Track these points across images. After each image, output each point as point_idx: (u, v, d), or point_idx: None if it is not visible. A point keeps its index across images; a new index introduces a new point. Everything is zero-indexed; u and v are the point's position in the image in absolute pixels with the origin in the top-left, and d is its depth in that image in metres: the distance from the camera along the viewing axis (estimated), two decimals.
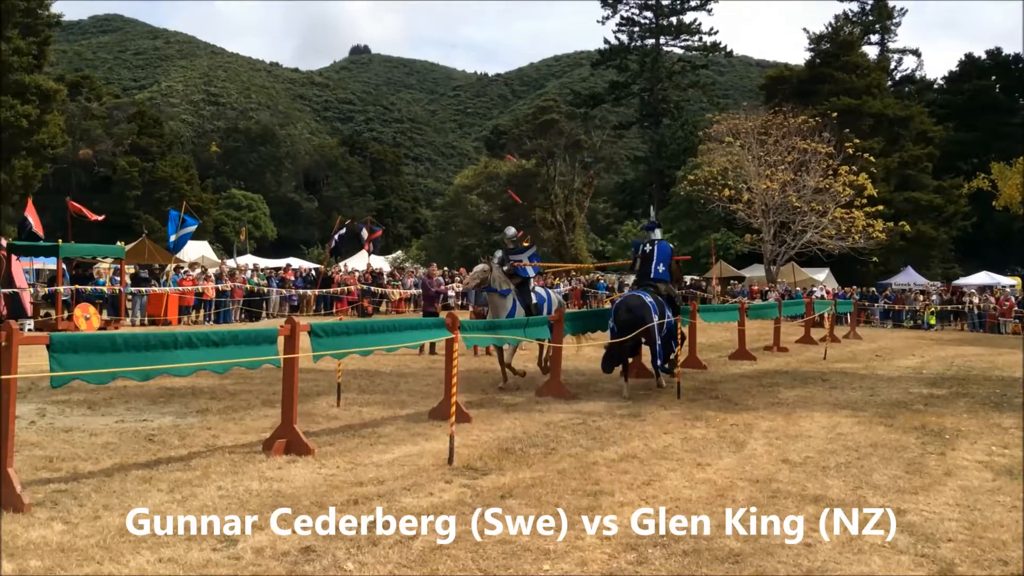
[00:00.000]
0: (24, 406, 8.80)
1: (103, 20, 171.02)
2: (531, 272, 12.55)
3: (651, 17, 79.69)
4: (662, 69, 78.93)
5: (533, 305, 12.23)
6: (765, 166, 36.91)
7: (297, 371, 7.49)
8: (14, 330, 5.57)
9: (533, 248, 13.08)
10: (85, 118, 52.96)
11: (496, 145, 70.33)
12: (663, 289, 12.07)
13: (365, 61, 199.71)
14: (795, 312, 23.66)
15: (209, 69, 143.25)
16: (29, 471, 6.35)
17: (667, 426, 8.94)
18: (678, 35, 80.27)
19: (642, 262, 12.26)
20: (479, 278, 11.98)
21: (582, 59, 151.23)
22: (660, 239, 12.51)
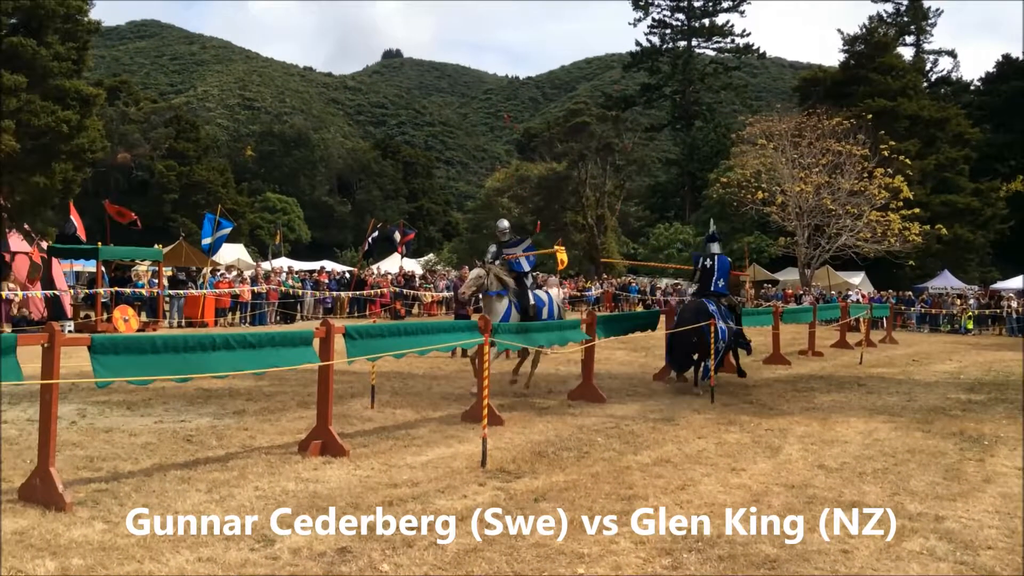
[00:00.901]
0: (65, 406, 8.97)
1: (140, 25, 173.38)
2: (526, 266, 11.74)
3: (683, 19, 79.47)
4: (694, 71, 78.65)
5: (531, 307, 11.44)
6: (799, 168, 36.62)
7: (332, 373, 7.55)
8: (56, 331, 5.68)
9: (528, 240, 12.27)
10: (123, 123, 53.76)
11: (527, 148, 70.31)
12: (724, 301, 12.59)
13: (397, 65, 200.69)
14: (830, 316, 23.43)
15: (244, 74, 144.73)
16: (71, 471, 6.46)
17: (701, 430, 8.90)
18: (710, 37, 79.96)
19: (703, 275, 12.65)
20: (475, 285, 11.11)
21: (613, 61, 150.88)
22: (719, 253, 12.87)
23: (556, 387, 12.14)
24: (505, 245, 12.01)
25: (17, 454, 7.07)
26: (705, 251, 13.09)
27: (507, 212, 61.33)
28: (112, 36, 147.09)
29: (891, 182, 35.91)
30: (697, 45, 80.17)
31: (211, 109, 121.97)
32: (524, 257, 11.80)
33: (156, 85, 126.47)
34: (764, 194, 37.50)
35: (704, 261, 12.75)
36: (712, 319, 11.56)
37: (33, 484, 5.67)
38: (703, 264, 12.73)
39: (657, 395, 11.68)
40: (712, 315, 11.70)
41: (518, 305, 11.19)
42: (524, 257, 11.80)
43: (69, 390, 9.97)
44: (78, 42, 20.28)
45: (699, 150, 70.35)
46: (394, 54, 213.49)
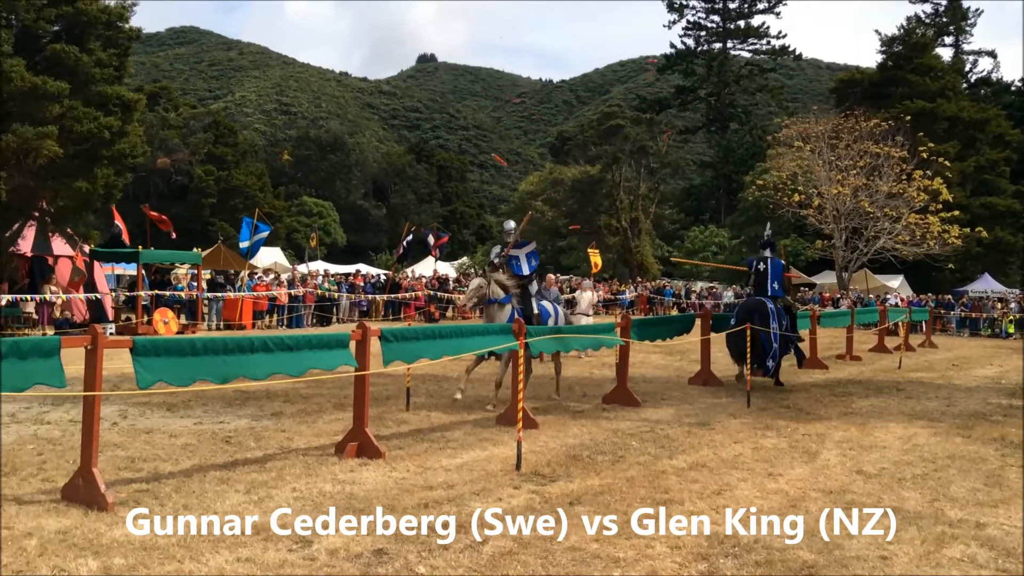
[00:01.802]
0: (107, 408, 9.12)
1: (180, 32, 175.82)
2: (526, 269, 11.27)
3: (718, 21, 79.01)
4: (729, 73, 78.17)
5: (535, 316, 10.96)
6: (836, 171, 36.26)
7: (368, 376, 7.61)
8: (99, 334, 5.79)
9: (532, 245, 11.76)
10: (163, 128, 54.52)
11: (561, 151, 70.28)
12: (780, 303, 13.00)
13: (431, 69, 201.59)
14: (868, 320, 23.16)
15: (281, 79, 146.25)
16: (112, 471, 6.57)
17: (737, 435, 8.84)
18: (745, 39, 79.41)
19: (757, 279, 12.99)
20: (476, 296, 10.72)
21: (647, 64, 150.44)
22: (772, 256, 13.13)
23: (590, 391, 12.12)
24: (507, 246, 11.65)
25: (60, 455, 7.21)
26: (760, 255, 13.37)
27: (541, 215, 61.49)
28: (152, 42, 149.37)
29: (930, 184, 35.43)
30: (732, 47, 79.61)
31: (249, 114, 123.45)
32: (525, 260, 11.37)
33: (195, 91, 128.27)
34: (801, 197, 37.17)
35: (758, 265, 13.07)
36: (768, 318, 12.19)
37: (76, 484, 5.77)
38: (757, 267, 13.06)
39: (692, 399, 11.62)
40: (769, 313, 12.27)
41: (521, 312, 10.71)
42: (525, 260, 11.37)
43: (110, 391, 10.13)
44: (119, 48, 20.55)
45: (734, 152, 69.87)
46: (428, 58, 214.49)
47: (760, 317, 12.45)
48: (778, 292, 13.03)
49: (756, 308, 12.58)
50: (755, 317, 12.41)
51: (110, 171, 20.39)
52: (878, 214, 35.51)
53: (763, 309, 12.53)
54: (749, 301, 13.04)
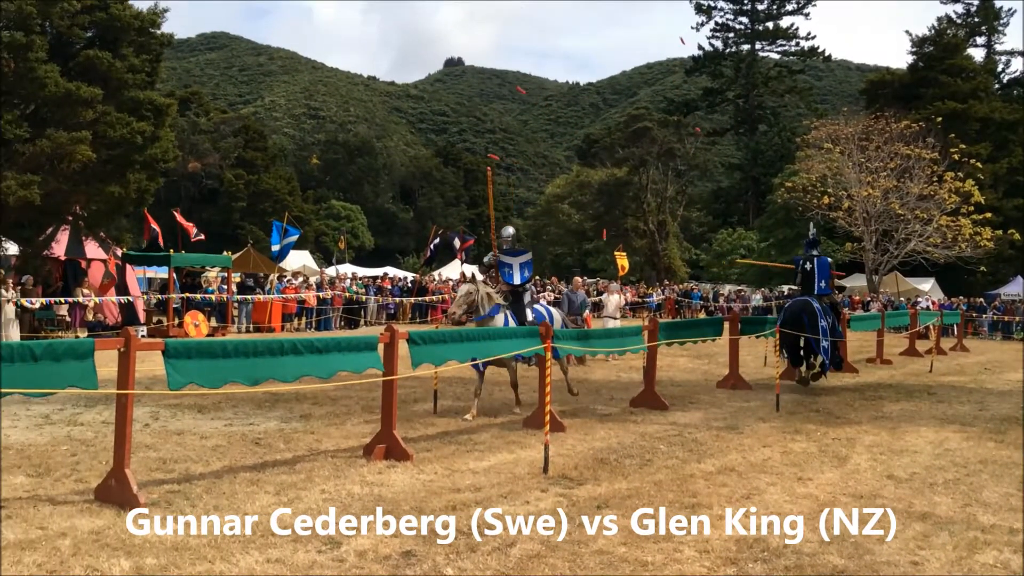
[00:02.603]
0: (138, 409, 9.22)
1: (210, 38, 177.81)
2: (517, 279, 10.86)
3: (746, 22, 78.60)
4: (758, 75, 77.72)
5: (529, 322, 10.46)
6: (866, 173, 35.94)
7: (396, 379, 7.65)
8: (132, 336, 5.87)
9: (528, 255, 11.30)
10: (194, 133, 55.19)
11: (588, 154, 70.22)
12: (827, 300, 13.31)
13: (459, 73, 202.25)
14: (899, 323, 22.92)
15: (310, 84, 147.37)
16: (144, 472, 6.65)
17: (766, 439, 8.78)
18: (774, 40, 78.93)
19: (804, 278, 13.30)
20: (465, 303, 10.11)
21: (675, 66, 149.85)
22: (819, 255, 13.44)
23: (618, 394, 12.09)
24: (504, 253, 11.24)
25: (93, 455, 7.31)
26: (806, 254, 13.67)
27: (568, 218, 61.48)
28: (183, 48, 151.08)
29: (962, 186, 35.01)
30: (761, 48, 79.14)
31: (278, 119, 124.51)
32: (518, 269, 10.97)
33: (225, 96, 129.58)
34: (830, 199, 36.87)
35: (804, 264, 13.37)
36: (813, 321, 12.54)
37: (109, 485, 5.85)
38: (803, 267, 13.37)
39: (720, 403, 11.56)
40: (816, 312, 12.61)
41: (515, 317, 10.41)
42: (518, 269, 10.97)
43: (142, 393, 10.26)
44: (151, 54, 20.82)
45: (763, 154, 69.45)
46: (456, 62, 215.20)
47: (808, 316, 12.78)
48: (825, 290, 13.35)
49: (803, 309, 12.87)
50: (804, 318, 12.77)
51: (142, 176, 20.65)
52: (909, 216, 35.14)
53: (810, 308, 12.82)
54: (796, 302, 13.27)
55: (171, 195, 45.71)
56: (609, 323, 18.46)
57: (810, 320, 12.74)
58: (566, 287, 24.62)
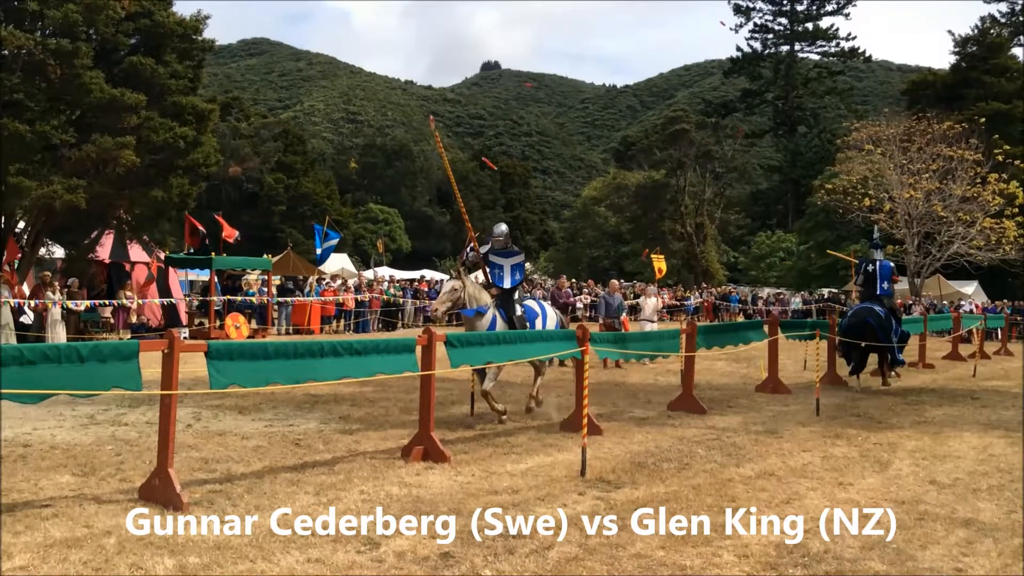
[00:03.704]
0: (181, 410, 9.36)
1: (251, 44, 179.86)
2: (507, 282, 10.16)
3: (786, 23, 77.97)
4: (797, 76, 77.05)
5: (518, 318, 9.97)
6: (908, 174, 35.41)
7: (434, 380, 7.69)
8: (176, 338, 5.95)
9: (520, 255, 10.52)
10: (235, 137, 55.92)
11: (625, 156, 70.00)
12: (887, 303, 13.75)
13: (495, 76, 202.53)
14: (941, 327, 22.58)
15: (348, 88, 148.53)
16: (187, 472, 6.74)
17: (806, 444, 8.69)
18: (814, 41, 78.23)
19: (866, 279, 13.83)
20: (450, 300, 9.57)
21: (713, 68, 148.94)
22: (882, 259, 13.90)
23: (655, 397, 12.03)
24: (495, 252, 10.46)
25: (137, 455, 7.43)
26: (869, 256, 14.20)
27: (604, 221, 61.33)
28: (224, 54, 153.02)
29: (1006, 188, 34.36)
30: (800, 49, 78.47)
31: (317, 123, 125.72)
32: (509, 272, 10.20)
33: (265, 101, 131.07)
34: (871, 201, 36.38)
35: (867, 266, 13.86)
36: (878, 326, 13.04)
37: (152, 484, 5.93)
38: (866, 269, 13.87)
39: (759, 407, 11.46)
40: (880, 314, 13.09)
41: (503, 315, 9.83)
42: (509, 272, 10.20)
43: (185, 394, 10.42)
44: (193, 60, 21.17)
45: (802, 156, 68.77)
46: (492, 66, 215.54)
47: (874, 319, 13.22)
48: (887, 292, 13.82)
49: (868, 315, 13.31)
50: (870, 321, 13.23)
51: (184, 180, 20.97)
52: (951, 218, 34.57)
53: (874, 314, 13.26)
54: (858, 310, 13.76)
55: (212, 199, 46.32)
56: (646, 326, 18.38)
57: (877, 323, 13.20)
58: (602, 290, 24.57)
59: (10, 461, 7.14)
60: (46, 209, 18.88)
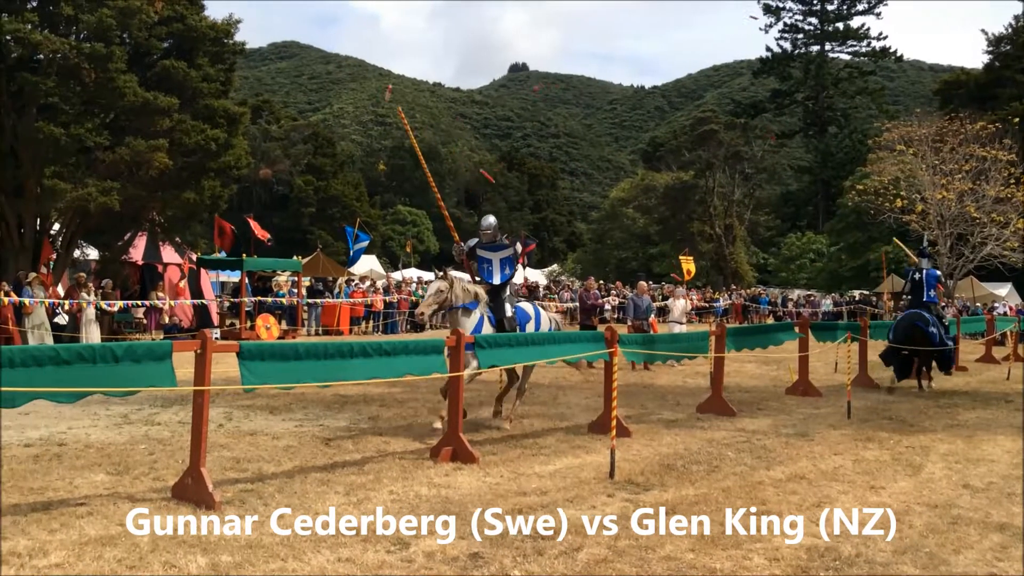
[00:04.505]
0: (212, 410, 9.43)
1: (281, 47, 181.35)
2: (497, 278, 9.59)
3: (816, 23, 77.35)
4: (827, 76, 76.40)
5: (508, 319, 9.40)
6: (940, 175, 34.97)
7: (462, 382, 7.71)
8: (209, 338, 6.02)
9: (510, 249, 9.83)
10: (265, 140, 56.46)
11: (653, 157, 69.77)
12: (934, 310, 13.95)
13: (523, 78, 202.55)
14: (975, 329, 22.28)
15: (377, 91, 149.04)
16: (219, 471, 6.80)
17: (837, 447, 8.61)
18: (844, 41, 77.56)
19: (913, 287, 14.04)
20: (436, 302, 8.99)
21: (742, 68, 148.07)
22: (928, 267, 14.10)
23: (684, 400, 11.98)
24: (484, 247, 9.83)
25: (170, 454, 7.51)
26: (918, 265, 14.32)
27: (632, 222, 61.13)
28: (255, 57, 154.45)
29: None
30: (831, 49, 77.79)
31: (346, 126, 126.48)
32: (498, 266, 9.64)
33: (295, 103, 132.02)
34: (903, 202, 35.98)
35: (914, 275, 14.04)
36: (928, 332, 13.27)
37: (185, 483, 5.99)
38: (913, 277, 14.08)
39: (790, 409, 11.37)
40: (929, 321, 13.35)
41: (492, 318, 9.27)
42: (498, 266, 9.64)
43: (216, 394, 10.51)
44: (225, 64, 21.45)
45: (833, 157, 68.14)
46: (520, 67, 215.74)
47: (922, 323, 13.44)
48: (932, 299, 13.93)
49: (916, 321, 13.52)
50: (918, 325, 13.44)
51: (216, 182, 21.22)
52: (985, 220, 34.10)
53: (921, 320, 13.50)
54: (906, 316, 13.94)
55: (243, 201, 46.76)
56: (675, 328, 18.31)
57: (924, 326, 13.38)
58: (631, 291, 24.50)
59: (45, 460, 7.26)
60: (80, 211, 19.20)
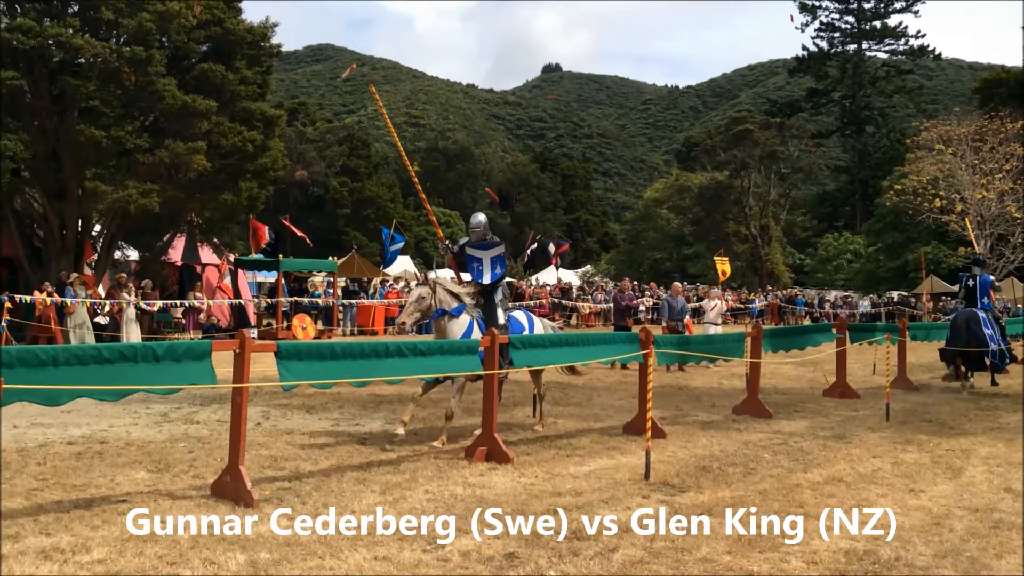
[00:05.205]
0: (250, 409, 9.54)
1: (316, 49, 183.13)
2: (486, 277, 9.02)
3: (853, 22, 76.53)
4: (864, 75, 75.57)
5: (500, 327, 8.66)
6: (980, 175, 34.43)
7: (496, 382, 7.72)
8: (247, 338, 6.09)
9: (500, 247, 9.24)
10: (301, 142, 56.99)
11: (687, 158, 69.38)
12: (991, 315, 14.20)
13: (556, 79, 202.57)
14: (1016, 331, 21.82)
15: (411, 92, 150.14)
16: (257, 469, 6.88)
17: (875, 449, 8.51)
18: (882, 39, 76.64)
19: (967, 293, 14.34)
20: (417, 309, 8.48)
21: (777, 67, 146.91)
22: (981, 273, 14.39)
23: (719, 401, 11.91)
24: (473, 245, 9.30)
25: (209, 452, 7.61)
26: (971, 271, 14.59)
27: (666, 223, 60.84)
28: (291, 60, 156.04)
29: None
30: (868, 48, 76.92)
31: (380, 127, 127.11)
32: (488, 265, 9.08)
33: (330, 106, 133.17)
34: (942, 202, 35.45)
35: (968, 281, 14.34)
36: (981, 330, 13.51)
37: (224, 481, 6.06)
38: (967, 284, 14.39)
39: (827, 412, 11.25)
40: (981, 320, 13.60)
41: (482, 324, 8.69)
42: (488, 265, 9.08)
43: (254, 393, 10.64)
44: (262, 67, 21.66)
45: (871, 157, 67.34)
46: (553, 68, 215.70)
47: (974, 324, 13.66)
48: (987, 306, 14.18)
49: (969, 318, 13.77)
50: (971, 325, 13.66)
51: (253, 184, 21.45)
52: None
53: (975, 317, 13.75)
54: (962, 313, 14.16)
55: (279, 203, 47.23)
56: (710, 329, 18.21)
57: (976, 327, 13.59)
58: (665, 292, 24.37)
59: (88, 457, 7.39)
60: (121, 213, 19.50)
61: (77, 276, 17.78)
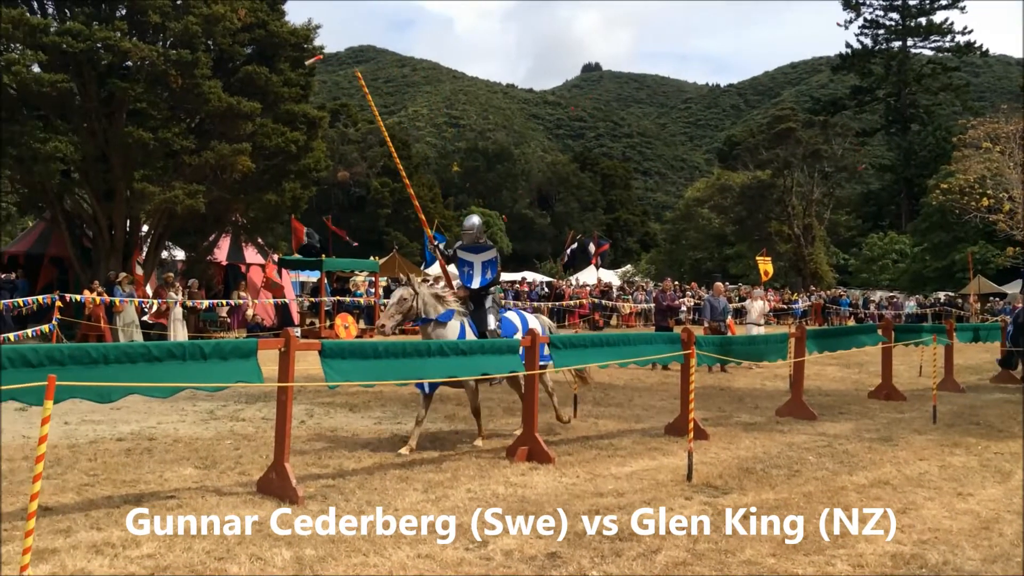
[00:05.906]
0: (295, 407, 9.65)
1: (358, 51, 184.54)
2: (476, 281, 8.76)
3: (897, 18, 75.31)
4: (910, 72, 74.32)
5: (491, 332, 8.53)
6: None
7: (538, 382, 7.73)
8: (292, 337, 6.17)
9: (492, 250, 9.00)
10: (343, 143, 57.52)
11: (729, 156, 68.77)
12: None
13: (596, 78, 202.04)
14: None
15: (451, 93, 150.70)
16: (301, 467, 6.96)
17: (922, 452, 8.38)
18: (927, 36, 75.34)
19: None
20: (398, 312, 8.07)
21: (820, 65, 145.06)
22: None
23: (762, 403, 11.80)
24: (465, 248, 9.02)
25: (254, 450, 7.72)
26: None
27: (707, 223, 60.38)
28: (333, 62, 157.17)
29: None
30: (913, 45, 75.65)
31: (421, 128, 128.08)
32: (479, 269, 8.84)
33: None
34: (990, 201, 34.75)
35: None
36: None
37: (270, 478, 6.14)
38: None
39: (872, 414, 11.11)
40: None
41: (474, 327, 8.42)
42: (479, 269, 8.84)
43: (298, 392, 10.75)
44: (305, 68, 21.89)
45: (916, 155, 66.22)
46: (593, 68, 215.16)
47: None
48: None
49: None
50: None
51: (296, 185, 21.68)
52: None
53: None
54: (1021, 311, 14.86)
55: (322, 203, 47.69)
56: (752, 330, 18.06)
57: None
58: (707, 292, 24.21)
59: (137, 453, 7.53)
60: (168, 213, 19.81)
61: (125, 275, 18.11)
